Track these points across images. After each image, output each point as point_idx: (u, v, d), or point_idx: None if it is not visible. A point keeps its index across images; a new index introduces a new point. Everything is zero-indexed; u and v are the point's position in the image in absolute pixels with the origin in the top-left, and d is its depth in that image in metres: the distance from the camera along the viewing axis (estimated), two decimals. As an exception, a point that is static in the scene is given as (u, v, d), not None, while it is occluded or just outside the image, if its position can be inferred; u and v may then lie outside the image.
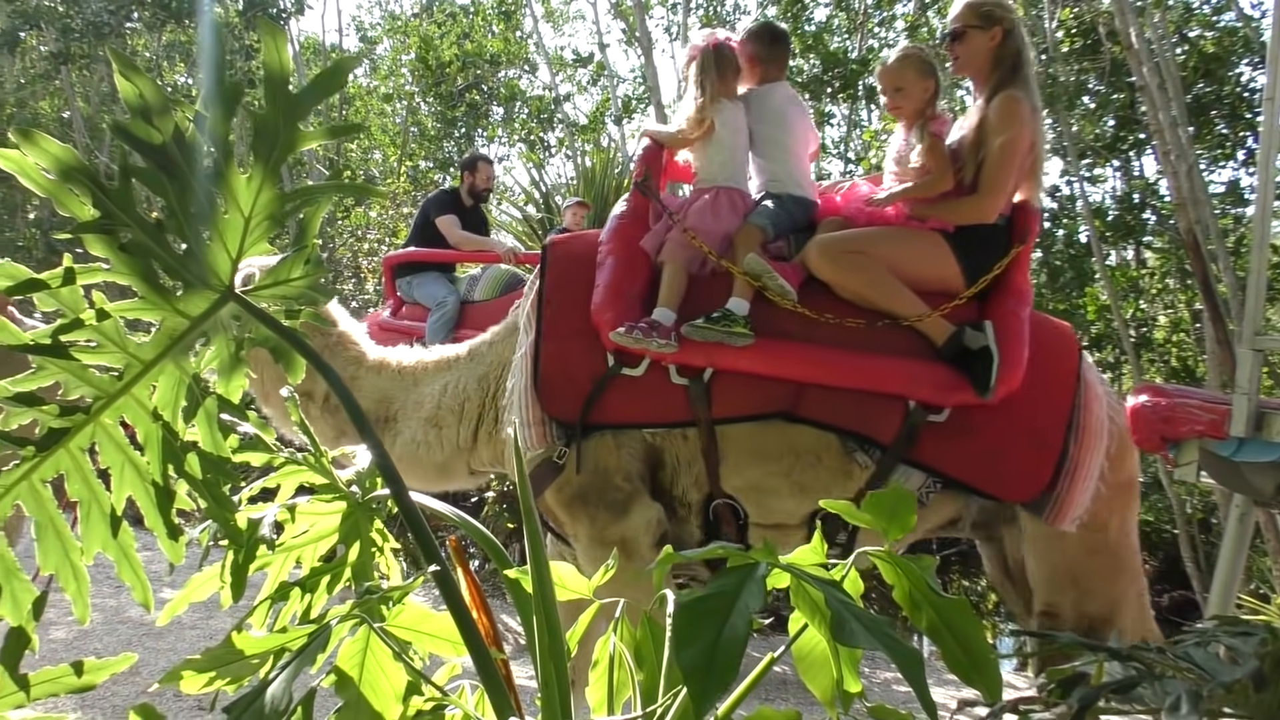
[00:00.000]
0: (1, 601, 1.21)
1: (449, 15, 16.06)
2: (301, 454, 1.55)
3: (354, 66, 3.30)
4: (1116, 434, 3.37)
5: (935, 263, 3.40)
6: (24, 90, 18.48)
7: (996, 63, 3.44)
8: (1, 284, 1.23)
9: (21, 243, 16.32)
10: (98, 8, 15.33)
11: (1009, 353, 3.23)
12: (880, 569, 1.20)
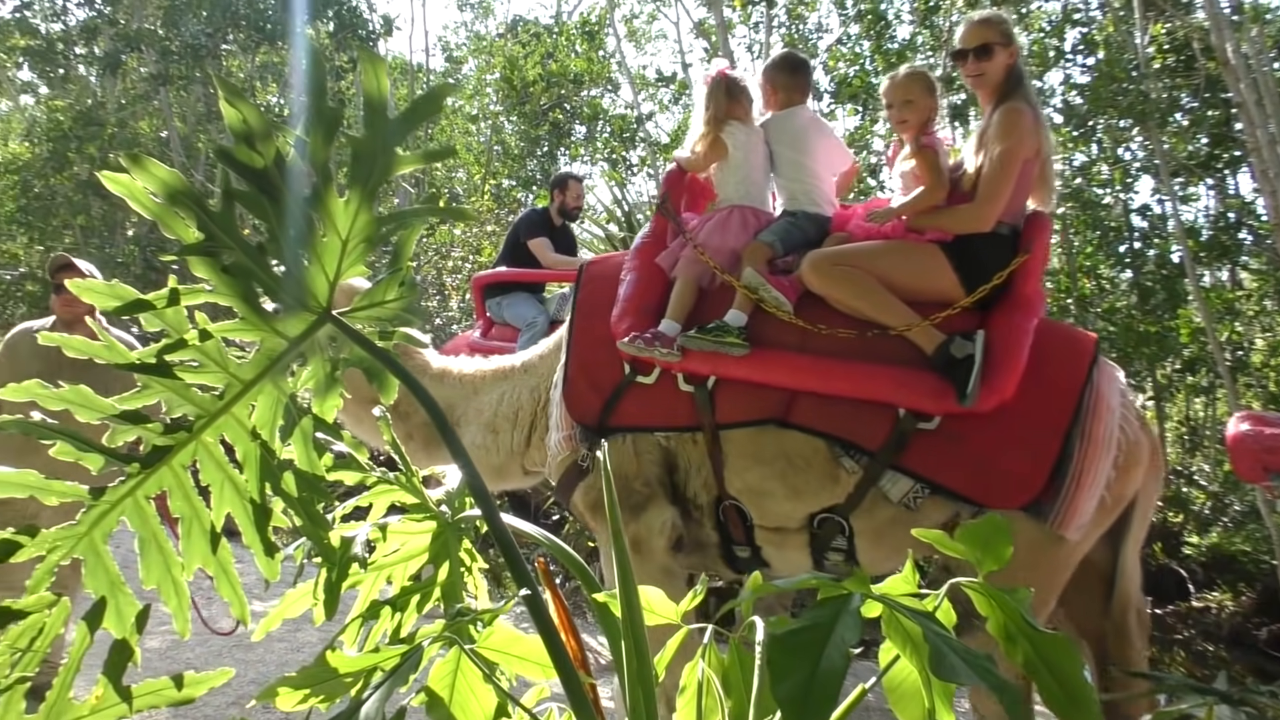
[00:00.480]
0: (106, 615, 1.24)
1: (533, 35, 16.23)
2: (393, 473, 1.57)
3: (450, 93, 3.34)
4: (1125, 446, 3.32)
5: (932, 274, 3.49)
6: (124, 111, 19.03)
7: (1007, 78, 3.58)
8: (111, 304, 1.26)
9: (121, 259, 16.77)
10: (195, 30, 15.76)
11: (1003, 362, 3.29)
12: (974, 601, 1.17)
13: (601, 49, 17.11)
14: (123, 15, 18.89)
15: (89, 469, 1.26)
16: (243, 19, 15.89)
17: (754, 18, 11.31)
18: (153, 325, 1.30)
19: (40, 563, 1.24)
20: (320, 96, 1.17)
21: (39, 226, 18.67)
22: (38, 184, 18.19)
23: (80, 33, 19.08)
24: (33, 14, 19.53)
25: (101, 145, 17.35)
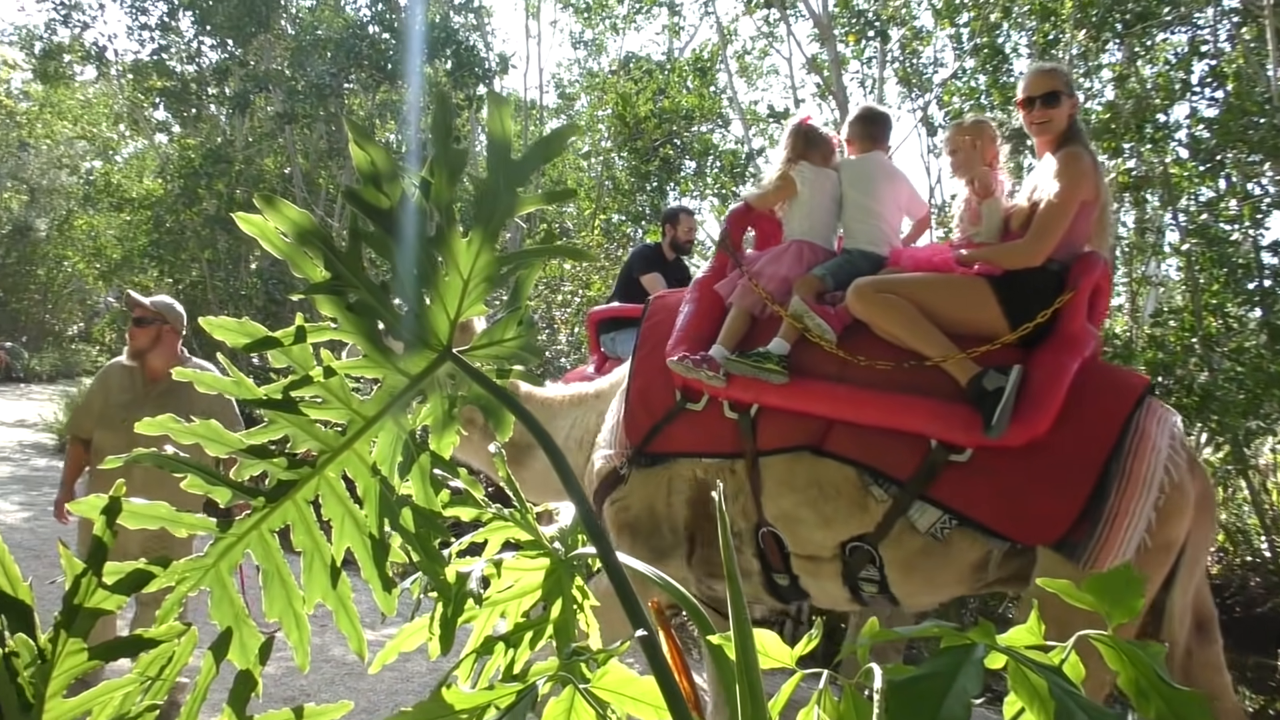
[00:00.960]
0: (231, 646, 1.26)
1: (645, 72, 16.38)
2: (507, 509, 1.58)
3: (573, 134, 3.41)
4: (1169, 489, 3.22)
5: (977, 307, 3.53)
6: (251, 148, 19.73)
7: (1069, 126, 3.66)
8: (241, 341, 1.30)
9: (244, 291, 17.34)
10: (320, 71, 16.27)
11: (1039, 398, 3.29)
12: (1103, 654, 1.13)
13: (713, 85, 17.19)
14: (253, 57, 19.63)
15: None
16: (365, 59, 16.35)
17: (867, 53, 11.26)
18: (280, 362, 1.33)
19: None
20: (446, 139, 1.19)
21: (169, 260, 19.42)
22: (169, 219, 18.95)
23: (212, 74, 19.89)
24: (169, 56, 20.40)
25: (229, 182, 18.00)
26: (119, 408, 5.13)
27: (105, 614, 1.19)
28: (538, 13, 20.87)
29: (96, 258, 25.97)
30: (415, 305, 1.28)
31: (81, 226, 28.60)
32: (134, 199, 20.58)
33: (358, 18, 18.90)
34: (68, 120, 29.25)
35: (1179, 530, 3.28)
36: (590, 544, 1.48)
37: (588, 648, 1.36)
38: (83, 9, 20.20)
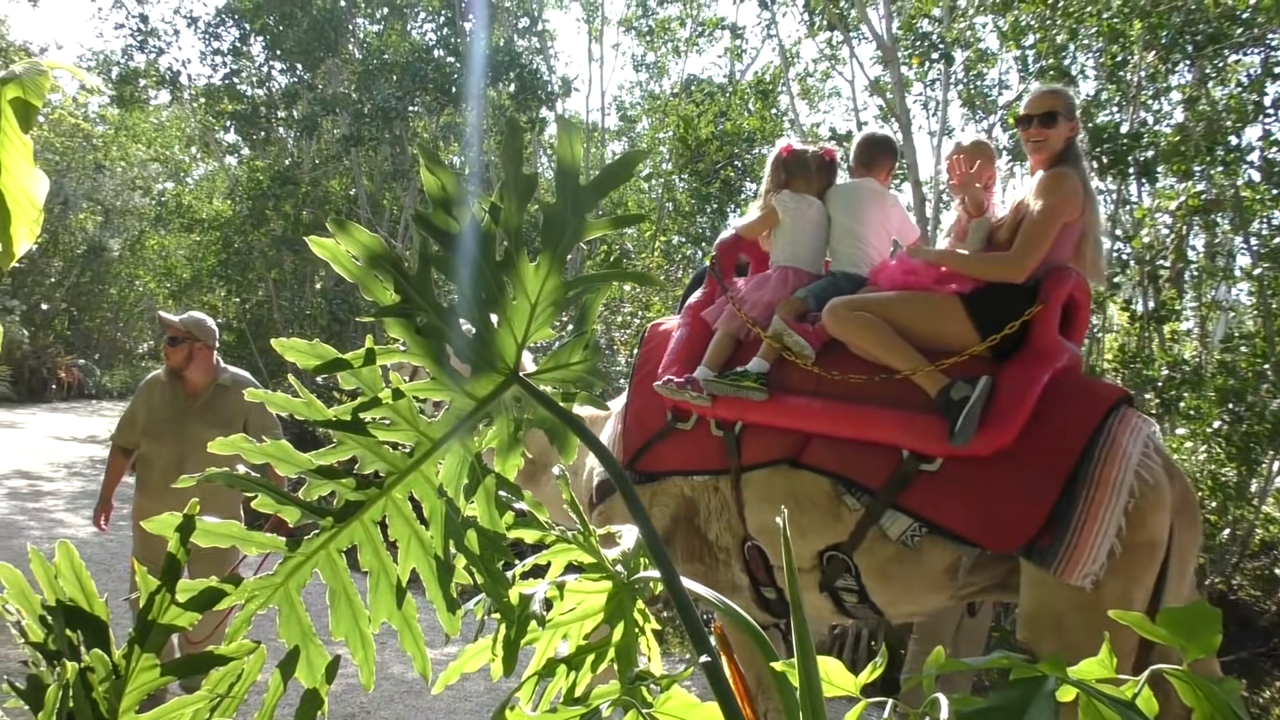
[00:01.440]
0: (299, 665, 1.28)
1: (707, 95, 16.41)
2: (571, 532, 1.58)
3: (641, 161, 3.42)
4: (1141, 492, 3.26)
5: (948, 322, 3.63)
6: (317, 170, 20.05)
7: (1066, 148, 3.74)
8: (311, 363, 1.31)
9: (309, 311, 17.57)
10: (387, 94, 16.49)
11: (1006, 408, 3.39)
12: (1177, 689, 1.11)
13: (774, 107, 17.18)
14: (321, 81, 19.97)
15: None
16: (430, 83, 16.55)
17: (931, 75, 11.19)
18: (349, 383, 1.35)
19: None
20: (516, 165, 1.20)
21: (236, 279, 19.75)
22: (237, 240, 19.27)
23: (282, 98, 20.24)
24: (240, 80, 20.81)
25: (296, 203, 18.28)
26: (163, 421, 5.42)
27: (178, 630, 1.21)
28: (600, 36, 21.00)
29: (167, 277, 26.50)
30: (482, 329, 1.30)
31: (153, 246, 29.20)
32: (203, 220, 20.98)
33: (423, 42, 19.16)
34: (141, 143, 29.95)
35: (1157, 530, 3.30)
36: (653, 567, 1.48)
37: (650, 672, 1.35)
38: (158, 35, 20.65)
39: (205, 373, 5.48)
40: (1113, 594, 3.23)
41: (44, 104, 1.33)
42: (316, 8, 18.49)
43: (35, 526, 10.40)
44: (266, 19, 18.88)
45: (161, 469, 5.34)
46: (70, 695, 1.12)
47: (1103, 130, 7.94)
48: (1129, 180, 8.97)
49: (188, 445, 5.32)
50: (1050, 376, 3.47)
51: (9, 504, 11.62)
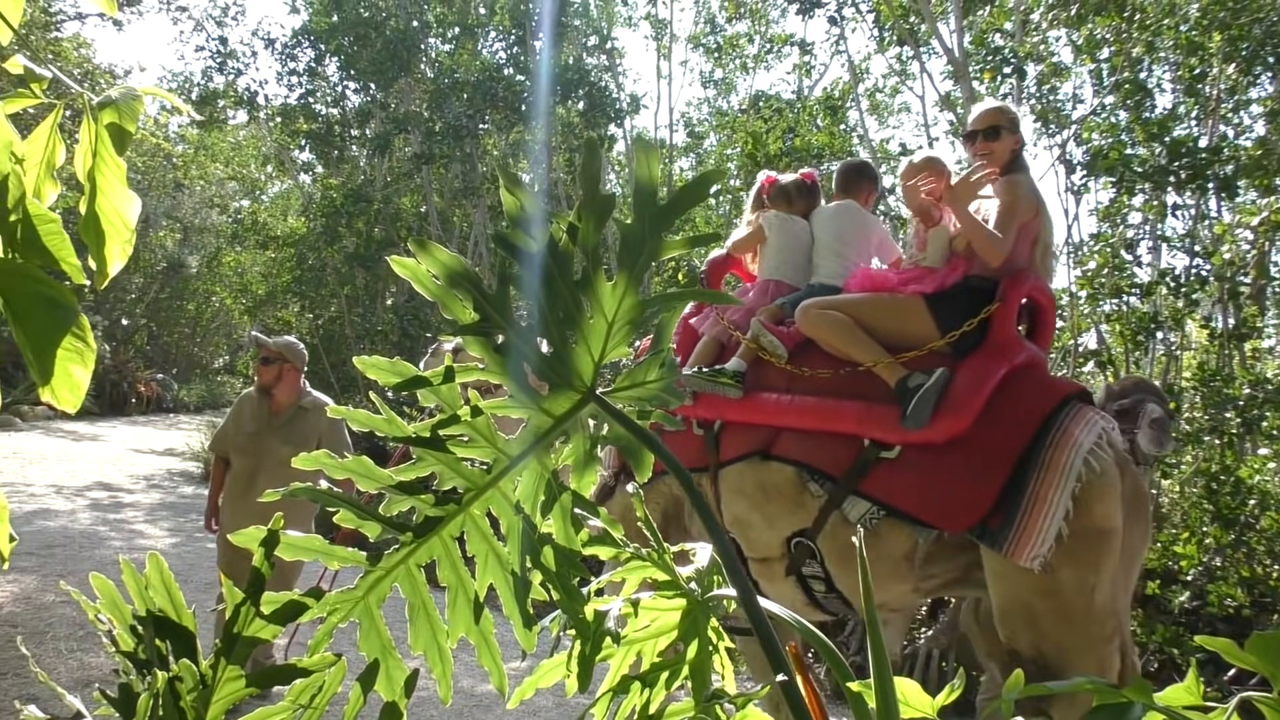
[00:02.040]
0: (378, 678, 1.29)
1: (775, 110, 16.38)
2: (645, 549, 1.58)
3: (718, 180, 3.46)
4: (1088, 479, 3.43)
5: (911, 320, 3.88)
6: (389, 188, 20.34)
7: (1011, 160, 4.02)
8: (392, 381, 1.34)
9: (381, 327, 17.81)
10: (458, 112, 16.68)
11: (962, 397, 3.62)
12: (1266, 716, 1.08)
13: (843, 123, 17.10)
14: (393, 99, 20.26)
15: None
16: (500, 100, 16.72)
17: (1003, 89, 11.07)
18: (428, 401, 1.37)
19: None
20: (594, 185, 1.22)
21: (310, 295, 20.08)
22: (311, 256, 19.60)
23: (355, 116, 20.58)
24: (315, 100, 21.20)
25: (368, 221, 18.55)
26: (247, 436, 5.90)
27: (262, 643, 1.23)
28: (669, 53, 21.07)
29: (243, 293, 26.99)
30: (560, 347, 1.31)
31: (229, 263, 29.77)
32: (278, 237, 21.36)
33: (494, 61, 19.37)
34: (220, 162, 30.61)
35: (1106, 517, 3.46)
36: (729, 585, 1.48)
37: (725, 691, 1.35)
38: (237, 56, 21.13)
39: (291, 393, 5.97)
40: (1071, 580, 3.41)
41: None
42: (390, 28, 18.79)
43: (116, 537, 10.64)
44: (342, 39, 19.23)
45: (237, 477, 5.84)
46: (160, 704, 1.14)
47: (1181, 144, 7.79)
48: (1208, 195, 8.80)
49: (263, 459, 5.77)
50: (1008, 370, 3.68)
51: (91, 515, 11.90)
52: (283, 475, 5.57)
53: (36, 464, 15.38)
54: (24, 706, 1.35)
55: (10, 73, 1.35)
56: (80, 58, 23.42)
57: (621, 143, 20.64)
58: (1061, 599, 3.42)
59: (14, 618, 6.78)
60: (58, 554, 9.14)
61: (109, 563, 8.84)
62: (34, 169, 1.36)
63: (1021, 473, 3.46)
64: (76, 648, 6.31)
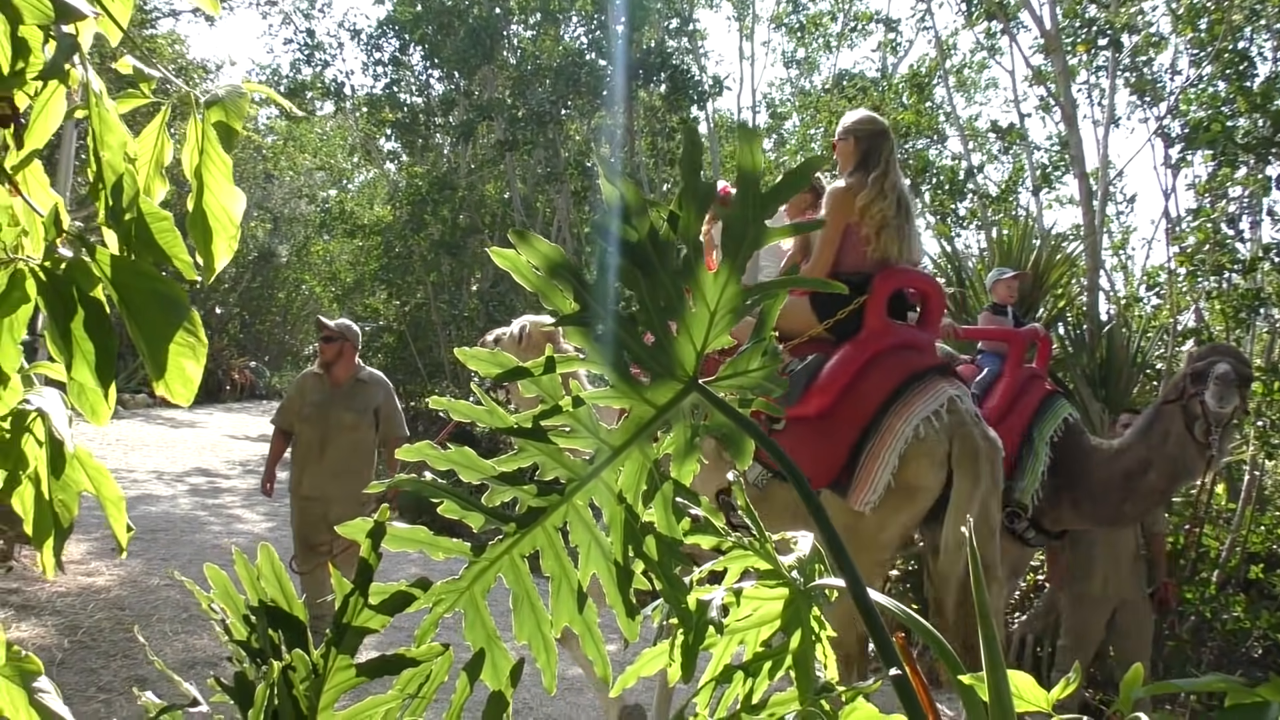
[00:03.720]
0: (484, 668, 1.30)
1: (860, 90, 16.16)
2: (747, 538, 1.57)
3: (821, 166, 3.42)
4: (914, 443, 4.14)
5: (797, 316, 4.60)
6: (473, 175, 20.51)
7: (857, 162, 4.67)
8: (493, 372, 1.34)
9: (466, 313, 18.00)
10: (541, 99, 16.75)
11: (828, 378, 4.34)
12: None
13: (929, 100, 16.81)
14: (477, 87, 20.41)
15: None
16: (583, 86, 16.75)
17: (1097, 61, 10.79)
18: (529, 391, 1.37)
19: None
20: (694, 174, 1.20)
21: (397, 283, 20.35)
22: (398, 244, 19.85)
23: (439, 104, 20.77)
24: (400, 89, 21.45)
25: (453, 208, 18.73)
26: (313, 406, 6.72)
27: (371, 632, 1.25)
28: (751, 33, 20.92)
29: (331, 281, 27.48)
30: (661, 337, 1.30)
31: (318, 252, 30.31)
32: (365, 225, 21.67)
33: (576, 46, 19.40)
34: (308, 152, 31.13)
35: (916, 475, 4.18)
36: (835, 574, 1.46)
37: (834, 684, 1.34)
38: (324, 49, 21.46)
39: (349, 368, 6.82)
40: (870, 524, 4.21)
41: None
42: (473, 16, 18.90)
43: (215, 522, 10.91)
44: (426, 28, 19.40)
45: (307, 444, 6.66)
46: (274, 693, 1.16)
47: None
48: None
49: (330, 426, 6.63)
50: (874, 352, 4.37)
51: (191, 500, 12.22)
52: (348, 439, 6.65)
53: (138, 450, 15.83)
54: (141, 693, 1.39)
55: (120, 73, 1.37)
56: (174, 54, 23.95)
57: (704, 125, 20.56)
58: (861, 538, 4.20)
59: (121, 601, 7.00)
60: (160, 539, 9.40)
61: (209, 547, 9.08)
62: (144, 167, 1.39)
63: (866, 437, 4.21)
64: (181, 630, 6.48)
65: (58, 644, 5.79)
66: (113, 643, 5.99)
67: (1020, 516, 5.35)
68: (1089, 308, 8.97)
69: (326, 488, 6.41)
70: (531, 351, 5.93)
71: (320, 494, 6.41)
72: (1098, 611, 6.21)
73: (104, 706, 4.70)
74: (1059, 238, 10.55)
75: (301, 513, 6.46)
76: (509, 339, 6.18)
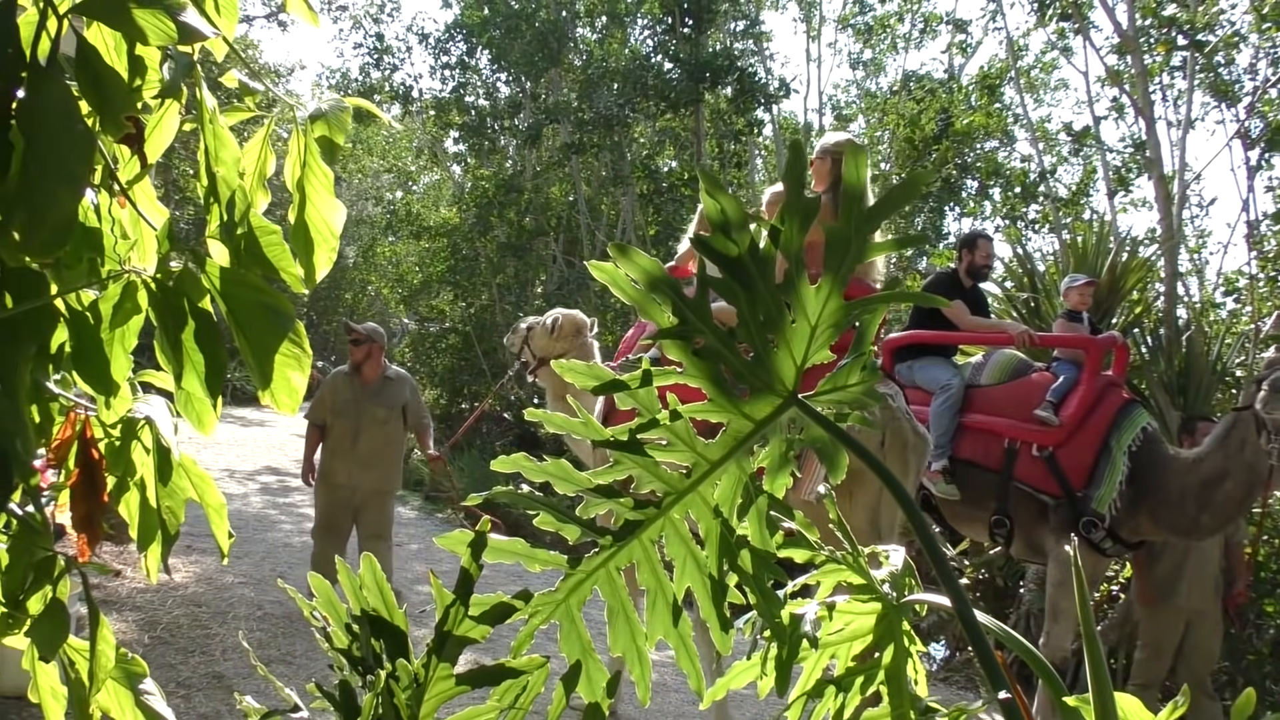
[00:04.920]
0: (580, 680, 1.31)
1: (928, 91, 16.02)
2: (839, 553, 1.56)
3: (927, 180, 3.39)
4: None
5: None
6: (539, 178, 20.62)
7: (830, 183, 4.86)
8: (589, 384, 1.34)
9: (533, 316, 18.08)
10: (608, 101, 16.80)
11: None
12: None
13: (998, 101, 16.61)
14: (543, 90, 20.52)
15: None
16: (650, 89, 16.77)
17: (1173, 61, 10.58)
18: (625, 404, 1.37)
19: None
20: (798, 186, 1.20)
21: (463, 285, 20.51)
22: (464, 246, 20.01)
23: (506, 107, 20.91)
24: (466, 92, 21.63)
25: (518, 210, 18.85)
26: (345, 402, 7.34)
27: (471, 643, 1.26)
28: (818, 35, 20.82)
29: (398, 283, 27.74)
30: (761, 351, 1.29)
31: (384, 253, 30.61)
32: (431, 227, 21.86)
33: (643, 49, 19.43)
34: (375, 155, 31.49)
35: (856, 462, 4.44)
36: (941, 589, 1.44)
37: (937, 707, 1.33)
38: (393, 53, 21.71)
39: (377, 367, 7.43)
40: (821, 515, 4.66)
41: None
42: (540, 20, 19.01)
43: (285, 520, 11.07)
44: (493, 32, 19.54)
45: (339, 436, 7.29)
46: (379, 703, 1.17)
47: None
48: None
49: (363, 420, 7.27)
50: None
51: (262, 499, 12.41)
52: (380, 433, 7.34)
53: (210, 449, 16.09)
54: (241, 698, 1.41)
55: (225, 86, 1.40)
56: (248, 59, 24.29)
57: (769, 128, 20.48)
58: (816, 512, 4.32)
59: (198, 598, 7.12)
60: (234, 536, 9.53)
61: (280, 545, 9.20)
62: (249, 179, 1.41)
63: None
64: (256, 628, 6.59)
65: (138, 639, 5.91)
66: (190, 639, 6.10)
67: (1096, 526, 5.26)
68: (1166, 313, 8.81)
69: (357, 477, 7.26)
70: (561, 342, 6.65)
71: (350, 482, 7.25)
72: (1176, 623, 6.12)
73: (183, 702, 4.79)
74: (1135, 242, 10.38)
75: (330, 498, 7.27)
76: (541, 329, 6.79)
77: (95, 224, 1.28)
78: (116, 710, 1.43)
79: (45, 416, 1.31)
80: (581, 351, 6.56)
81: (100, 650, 1.33)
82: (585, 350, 6.63)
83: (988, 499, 5.68)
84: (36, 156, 0.98)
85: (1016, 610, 7.67)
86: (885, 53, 22.26)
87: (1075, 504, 5.33)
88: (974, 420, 5.75)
